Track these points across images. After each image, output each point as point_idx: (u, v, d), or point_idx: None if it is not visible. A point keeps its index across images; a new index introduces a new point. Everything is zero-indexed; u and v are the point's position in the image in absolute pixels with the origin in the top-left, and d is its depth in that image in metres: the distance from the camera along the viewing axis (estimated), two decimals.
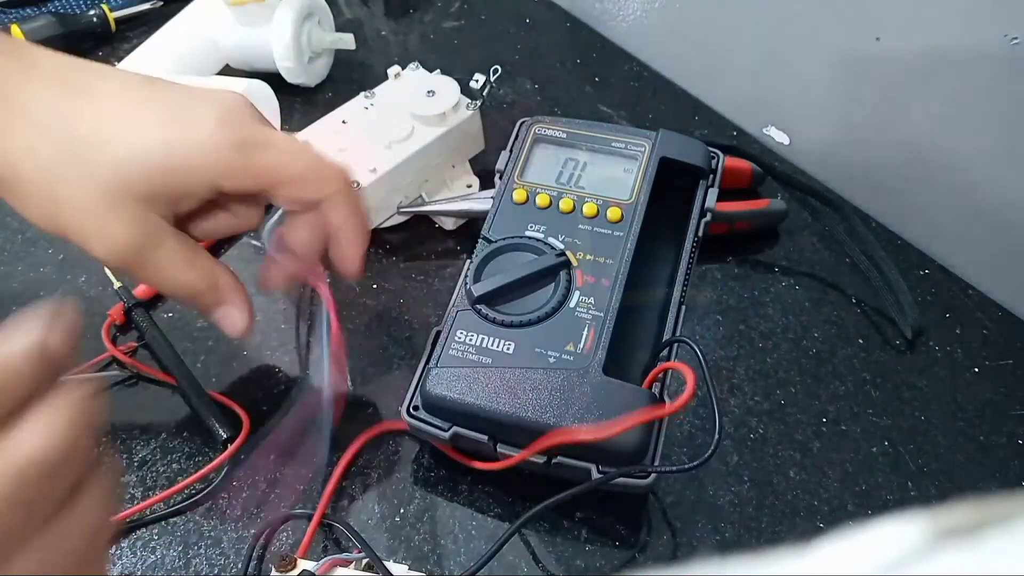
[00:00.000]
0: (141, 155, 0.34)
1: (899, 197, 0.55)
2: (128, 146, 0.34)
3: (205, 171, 0.35)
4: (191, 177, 0.35)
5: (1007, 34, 0.44)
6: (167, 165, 0.35)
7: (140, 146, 0.34)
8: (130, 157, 0.34)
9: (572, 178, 0.47)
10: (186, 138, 0.35)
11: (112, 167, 0.34)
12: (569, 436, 0.36)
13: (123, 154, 0.34)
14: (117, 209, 0.34)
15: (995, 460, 0.44)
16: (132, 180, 0.34)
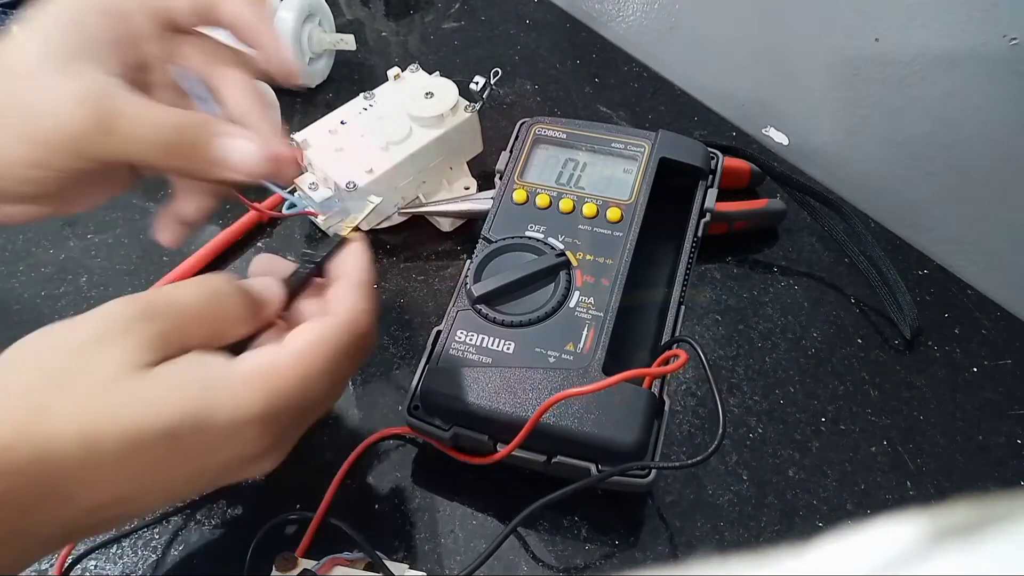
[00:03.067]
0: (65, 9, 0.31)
1: (898, 197, 0.55)
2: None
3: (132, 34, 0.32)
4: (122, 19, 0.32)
5: (1006, 34, 0.44)
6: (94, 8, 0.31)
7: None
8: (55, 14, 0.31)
9: (572, 178, 0.47)
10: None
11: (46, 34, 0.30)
12: (562, 396, 0.37)
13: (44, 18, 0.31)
14: (64, 72, 0.30)
15: (994, 460, 0.44)
16: (67, 39, 0.30)
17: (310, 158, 0.52)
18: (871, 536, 0.14)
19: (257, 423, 0.28)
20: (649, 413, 0.39)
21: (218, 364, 0.28)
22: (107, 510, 0.28)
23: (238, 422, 0.28)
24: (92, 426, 0.26)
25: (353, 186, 0.49)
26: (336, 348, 0.30)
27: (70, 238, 0.55)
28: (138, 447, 0.26)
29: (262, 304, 0.31)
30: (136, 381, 0.26)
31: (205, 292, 0.29)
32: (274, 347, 0.29)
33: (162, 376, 0.27)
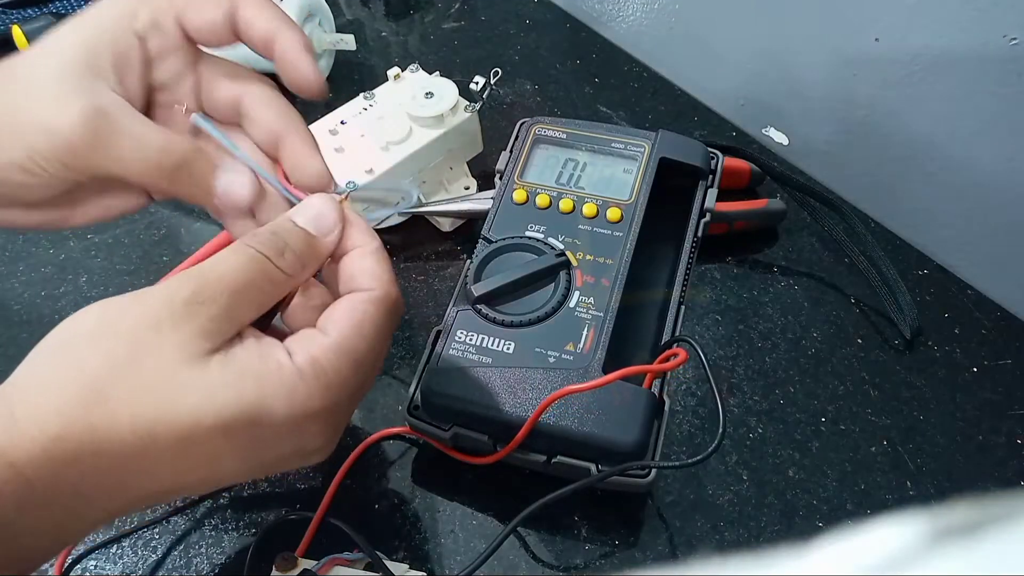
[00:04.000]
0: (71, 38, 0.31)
1: (898, 197, 0.55)
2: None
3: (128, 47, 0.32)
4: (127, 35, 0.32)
5: (1006, 34, 0.44)
6: (103, 30, 0.31)
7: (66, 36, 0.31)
8: (65, 41, 0.31)
9: (572, 178, 0.47)
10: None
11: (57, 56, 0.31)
12: (562, 393, 0.36)
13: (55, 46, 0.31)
14: (73, 87, 0.30)
15: (993, 460, 0.44)
16: (73, 59, 0.31)
17: None
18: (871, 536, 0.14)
19: (317, 419, 0.28)
20: (649, 413, 0.39)
21: (273, 356, 0.28)
22: (158, 497, 0.28)
23: (297, 419, 0.28)
24: (148, 418, 0.25)
25: (353, 186, 0.49)
26: (376, 327, 0.30)
27: (70, 238, 0.55)
28: (193, 441, 0.26)
29: (315, 248, 0.31)
30: (192, 373, 0.26)
31: (253, 262, 0.29)
32: (318, 336, 0.29)
33: (218, 370, 0.27)
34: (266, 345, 0.28)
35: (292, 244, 0.30)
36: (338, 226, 0.32)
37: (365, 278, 0.31)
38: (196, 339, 0.27)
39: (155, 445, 0.26)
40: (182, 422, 0.26)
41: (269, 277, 0.29)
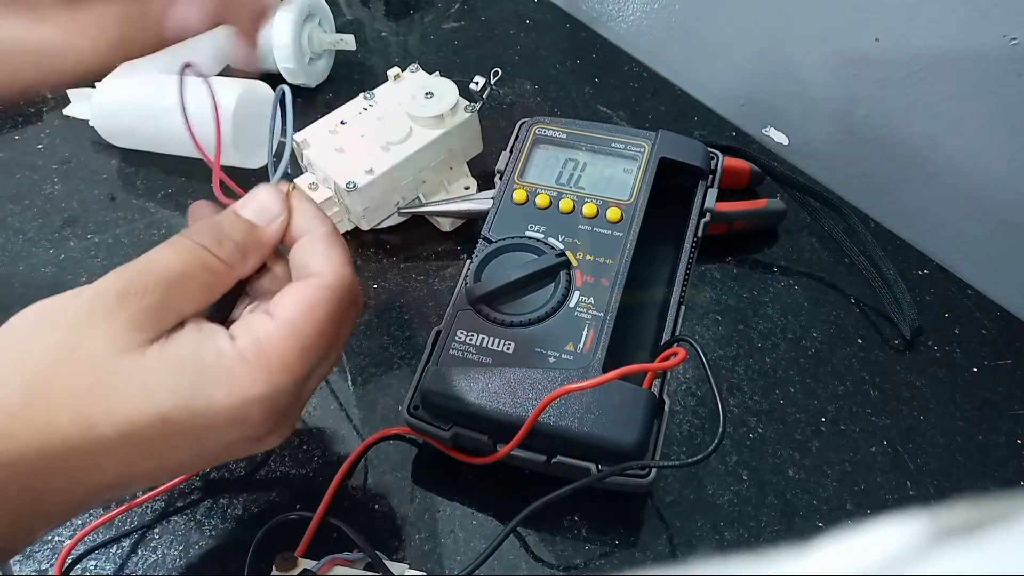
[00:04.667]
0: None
1: (898, 197, 0.55)
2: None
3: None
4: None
5: (1006, 34, 0.44)
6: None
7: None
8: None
9: (572, 178, 0.48)
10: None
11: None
12: (562, 392, 0.36)
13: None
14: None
15: (994, 460, 0.44)
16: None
17: (310, 158, 0.52)
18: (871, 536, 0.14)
19: (257, 404, 0.28)
20: (649, 413, 0.39)
21: (213, 342, 0.28)
22: (111, 489, 0.28)
23: (237, 405, 0.27)
24: (88, 412, 0.25)
25: (353, 186, 0.49)
26: (328, 312, 0.29)
27: (70, 238, 0.55)
28: (134, 432, 0.26)
29: (257, 237, 0.31)
30: (127, 364, 0.26)
31: (188, 253, 0.29)
32: (265, 319, 0.29)
33: (154, 359, 0.27)
34: (207, 332, 0.28)
35: (232, 234, 0.30)
36: (282, 214, 0.31)
37: (316, 263, 0.31)
38: (129, 330, 0.26)
39: (97, 438, 0.26)
40: (121, 414, 0.26)
41: (208, 267, 0.29)
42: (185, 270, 0.28)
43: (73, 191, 0.58)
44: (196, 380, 0.27)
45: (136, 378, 0.26)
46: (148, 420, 0.26)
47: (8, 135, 0.63)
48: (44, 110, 0.65)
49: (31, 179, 0.59)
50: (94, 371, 0.26)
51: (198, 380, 0.27)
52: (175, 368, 0.27)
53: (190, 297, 0.28)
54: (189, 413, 0.27)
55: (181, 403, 0.27)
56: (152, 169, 0.60)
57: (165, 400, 0.26)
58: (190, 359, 0.27)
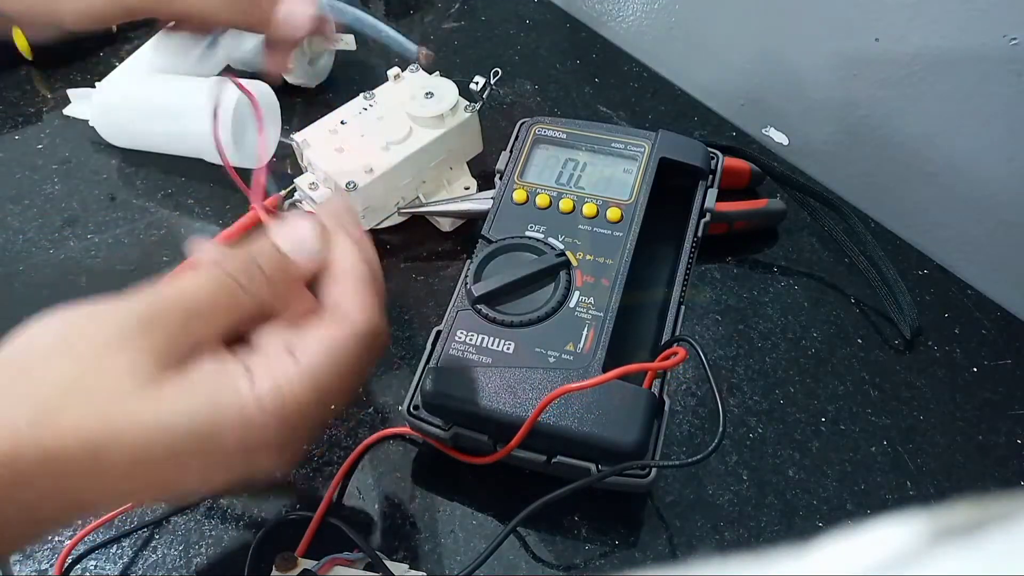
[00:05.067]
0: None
1: (898, 197, 0.55)
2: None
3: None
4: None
5: (1006, 34, 0.44)
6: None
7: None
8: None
9: (572, 178, 0.47)
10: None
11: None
12: (562, 391, 0.36)
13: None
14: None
15: (994, 459, 0.44)
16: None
17: (310, 158, 0.52)
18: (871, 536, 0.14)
19: (271, 449, 0.28)
20: (649, 413, 0.39)
21: (231, 382, 0.27)
22: (113, 504, 0.29)
23: (251, 448, 0.27)
24: (98, 439, 0.25)
25: (353, 186, 0.49)
26: (350, 358, 0.29)
27: (70, 238, 0.55)
28: (142, 461, 0.26)
29: (289, 272, 0.30)
30: (143, 393, 0.26)
31: (218, 285, 0.28)
32: (287, 362, 0.28)
33: (171, 393, 0.26)
34: (225, 369, 0.27)
35: (266, 267, 0.29)
36: (320, 253, 0.30)
37: (349, 305, 0.29)
38: (148, 359, 0.26)
39: (104, 464, 0.26)
40: (131, 444, 0.26)
41: (236, 300, 0.28)
42: (213, 301, 0.28)
43: (73, 191, 0.58)
44: (210, 420, 0.26)
45: (150, 410, 0.26)
46: (157, 452, 0.26)
47: (8, 135, 0.63)
48: (44, 110, 0.65)
49: (31, 179, 0.59)
50: (108, 399, 0.26)
51: (213, 420, 0.26)
52: (191, 405, 0.26)
53: (212, 326, 0.28)
54: (201, 452, 0.27)
55: (194, 441, 0.26)
56: (152, 169, 0.60)
57: (177, 435, 0.26)
58: (206, 397, 0.27)
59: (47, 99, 0.66)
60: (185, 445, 0.26)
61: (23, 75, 0.68)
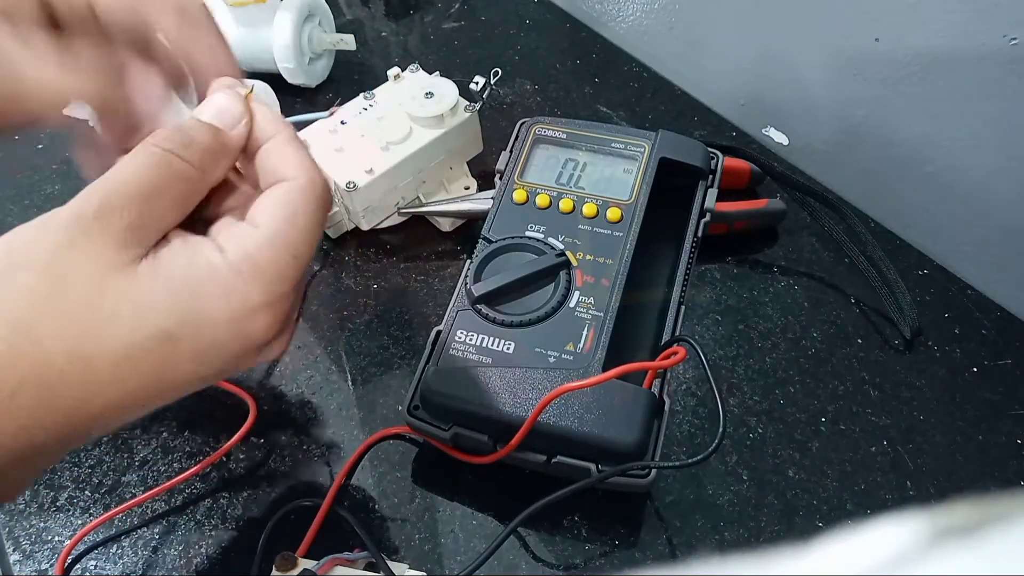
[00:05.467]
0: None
1: (898, 197, 0.55)
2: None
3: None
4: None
5: (1006, 34, 0.44)
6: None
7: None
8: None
9: (572, 178, 0.48)
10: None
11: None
12: (562, 391, 0.36)
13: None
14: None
15: (993, 459, 0.44)
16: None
17: None
18: (871, 536, 0.14)
19: (261, 313, 0.28)
20: (649, 413, 0.39)
21: (203, 256, 0.27)
22: (114, 416, 0.27)
23: (239, 318, 0.27)
24: (82, 345, 0.25)
25: (353, 186, 0.49)
26: (308, 215, 0.29)
27: None
28: (135, 358, 0.25)
29: (223, 141, 0.30)
30: (119, 286, 0.25)
31: (159, 162, 0.28)
32: (250, 230, 0.28)
33: (145, 278, 0.26)
34: (194, 245, 0.27)
35: (198, 138, 0.29)
36: (244, 117, 0.31)
37: (288, 167, 0.30)
38: (116, 251, 0.26)
39: (96, 370, 0.25)
40: (118, 342, 0.25)
41: (180, 174, 0.28)
42: (159, 180, 0.27)
43: (73, 191, 0.58)
44: (192, 296, 0.26)
45: (129, 301, 0.25)
46: (147, 343, 0.25)
47: (8, 135, 0.63)
48: None
49: (31, 179, 0.59)
50: (83, 302, 0.25)
51: (195, 296, 0.26)
52: (168, 285, 0.26)
53: (168, 208, 0.28)
54: (190, 330, 0.26)
55: (180, 321, 0.26)
56: None
57: (162, 321, 0.26)
58: (182, 274, 0.26)
59: None
60: (174, 329, 0.26)
61: None
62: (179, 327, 0.26)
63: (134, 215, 0.26)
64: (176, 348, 0.26)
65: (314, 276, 0.53)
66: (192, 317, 0.26)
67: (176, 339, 0.26)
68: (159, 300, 0.26)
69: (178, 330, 0.26)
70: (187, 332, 0.26)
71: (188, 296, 0.26)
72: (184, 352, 0.27)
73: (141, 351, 0.26)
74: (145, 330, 0.25)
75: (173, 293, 0.26)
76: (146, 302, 0.26)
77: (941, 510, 0.14)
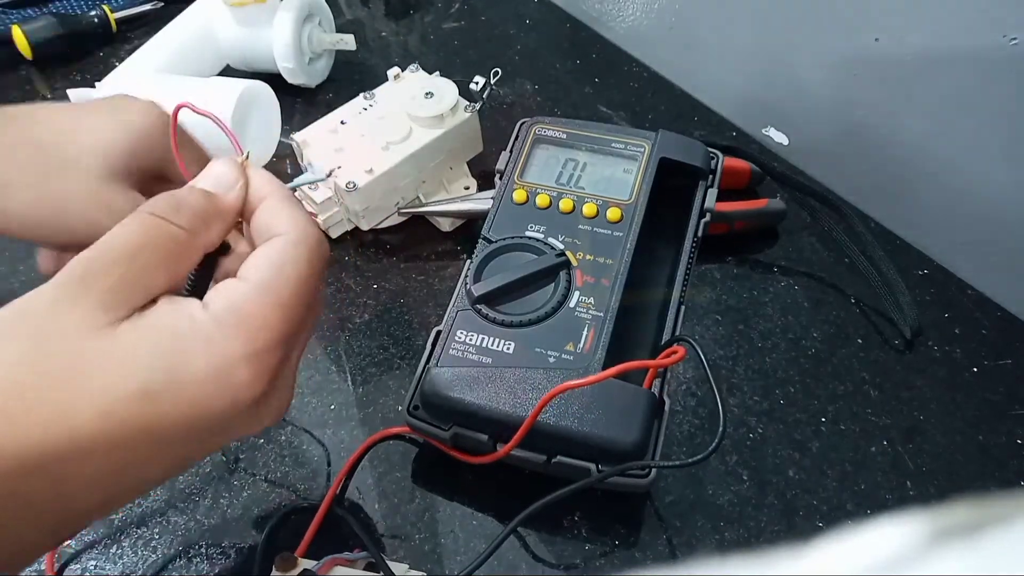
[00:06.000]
0: (104, 142, 0.36)
1: (898, 197, 0.55)
2: (91, 136, 0.36)
3: (153, 144, 0.37)
4: (146, 150, 0.37)
5: (1006, 34, 0.44)
6: (126, 143, 0.36)
7: (100, 135, 0.36)
8: (96, 145, 0.36)
9: (572, 178, 0.47)
10: (131, 122, 0.37)
11: (90, 154, 0.36)
12: (561, 389, 0.36)
13: (91, 142, 0.36)
14: (109, 186, 0.36)
15: (993, 460, 0.44)
16: (111, 160, 0.36)
17: (310, 158, 0.52)
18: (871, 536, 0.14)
19: (242, 364, 0.27)
20: (649, 413, 0.39)
21: (186, 311, 0.27)
22: (104, 499, 0.26)
23: (220, 367, 0.26)
24: (65, 401, 0.24)
25: (353, 186, 0.49)
26: (298, 267, 0.29)
27: None
28: (117, 416, 0.25)
29: (217, 205, 0.30)
30: (99, 345, 0.25)
31: (146, 224, 0.28)
32: (236, 283, 0.28)
33: (127, 335, 0.26)
34: (179, 304, 0.27)
35: (188, 201, 0.29)
36: (239, 181, 0.31)
37: (280, 223, 0.30)
38: (97, 312, 0.26)
39: (79, 429, 0.24)
40: (99, 397, 0.25)
41: (169, 236, 0.28)
42: (145, 242, 0.27)
43: None
44: (173, 351, 0.26)
45: (110, 358, 0.25)
46: (129, 399, 0.25)
47: None
48: None
49: None
50: (65, 360, 0.25)
51: (175, 351, 0.26)
52: (149, 341, 0.26)
53: (155, 270, 0.27)
54: (172, 385, 0.26)
55: (159, 373, 0.25)
56: None
57: (143, 375, 0.25)
58: (164, 330, 0.26)
59: (47, 99, 0.66)
60: (153, 382, 0.25)
61: (23, 75, 0.68)
62: (160, 383, 0.25)
63: (117, 277, 0.26)
64: (158, 405, 0.26)
65: None
66: (173, 372, 0.26)
67: (157, 395, 0.25)
68: (140, 357, 0.25)
69: (159, 386, 0.25)
70: (168, 387, 0.26)
71: (168, 351, 0.26)
72: (167, 410, 0.26)
73: (123, 409, 0.25)
74: (125, 386, 0.25)
75: (153, 349, 0.26)
76: (127, 359, 0.25)
77: (941, 510, 0.14)
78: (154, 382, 0.25)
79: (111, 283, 0.26)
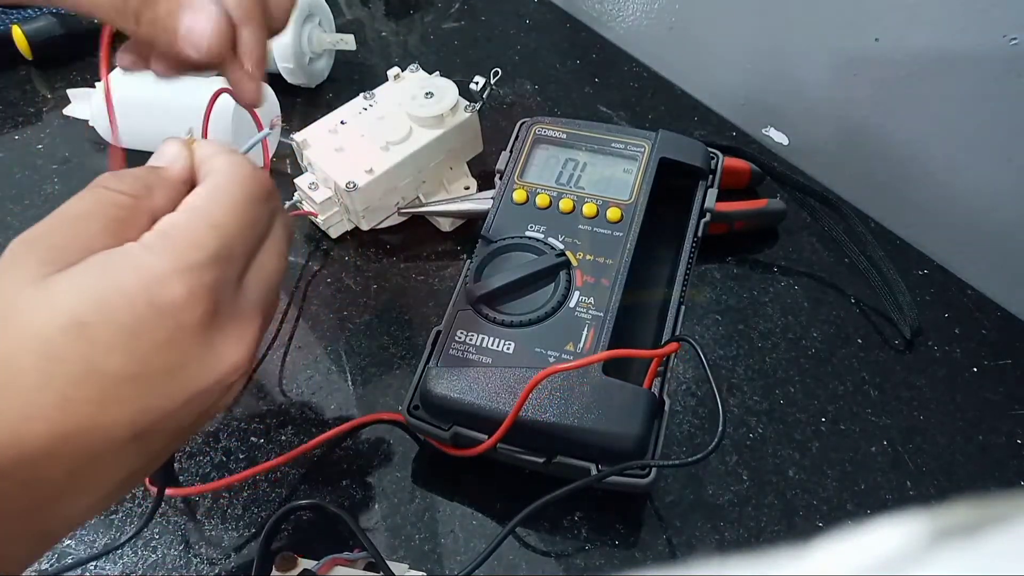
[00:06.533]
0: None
1: (898, 197, 0.55)
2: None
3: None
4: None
5: (1006, 34, 0.44)
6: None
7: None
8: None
9: (572, 178, 0.48)
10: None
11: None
12: (548, 372, 0.37)
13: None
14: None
15: (994, 460, 0.44)
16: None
17: (310, 158, 0.52)
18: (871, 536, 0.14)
19: (172, 279, 0.26)
20: (649, 412, 0.39)
21: (119, 249, 0.27)
22: (73, 458, 0.25)
23: (148, 284, 0.26)
24: (4, 351, 0.24)
25: (353, 186, 0.49)
26: (230, 189, 0.29)
27: None
28: (55, 354, 0.25)
29: (159, 173, 0.31)
30: (34, 291, 0.25)
31: (90, 192, 0.29)
32: (168, 215, 0.29)
33: (61, 279, 0.26)
34: (116, 249, 0.27)
35: (132, 171, 0.30)
36: (183, 152, 0.31)
37: (213, 165, 0.31)
38: (36, 266, 0.26)
39: (20, 372, 0.24)
40: (34, 341, 0.25)
41: (111, 201, 0.28)
42: (88, 207, 0.28)
43: (73, 191, 0.57)
44: (102, 277, 0.26)
45: (42, 301, 0.25)
46: (64, 331, 0.25)
47: (8, 135, 0.63)
48: (44, 110, 0.65)
49: (31, 179, 0.59)
50: (5, 312, 0.25)
51: (104, 277, 0.26)
52: (79, 276, 0.26)
53: (98, 232, 0.28)
54: (103, 308, 0.25)
55: (91, 303, 0.25)
56: None
57: (72, 306, 0.25)
58: (95, 265, 0.26)
59: (47, 99, 0.66)
60: (81, 311, 0.25)
61: (23, 75, 0.68)
62: (90, 310, 0.25)
63: (58, 237, 0.27)
64: (93, 330, 0.25)
65: (314, 276, 0.53)
66: (102, 297, 0.25)
67: (89, 323, 0.25)
68: (69, 291, 0.26)
69: (90, 314, 0.25)
70: (99, 312, 0.25)
71: (98, 281, 0.26)
72: (102, 335, 0.25)
73: (60, 344, 0.25)
74: (57, 321, 0.25)
75: (82, 282, 0.26)
76: (57, 296, 0.25)
77: (941, 510, 0.14)
78: (84, 311, 0.25)
79: (51, 243, 0.27)
